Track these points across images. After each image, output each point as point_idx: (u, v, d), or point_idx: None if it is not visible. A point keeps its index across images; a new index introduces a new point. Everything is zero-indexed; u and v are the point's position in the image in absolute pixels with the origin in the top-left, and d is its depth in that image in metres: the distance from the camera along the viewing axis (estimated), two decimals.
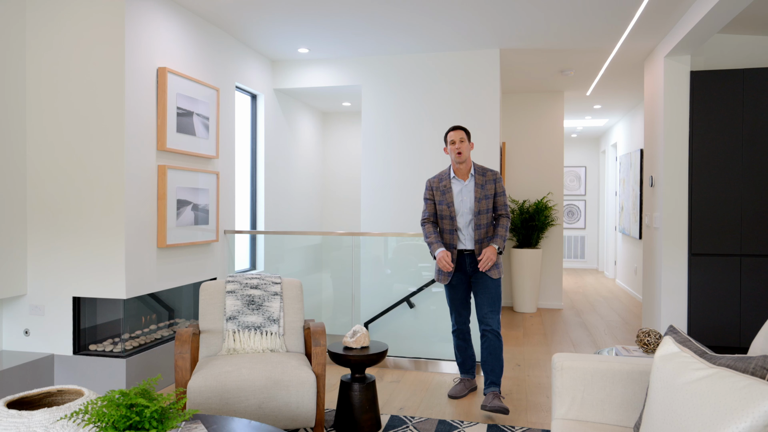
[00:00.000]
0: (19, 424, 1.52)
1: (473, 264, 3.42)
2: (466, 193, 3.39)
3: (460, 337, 3.64)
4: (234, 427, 1.93)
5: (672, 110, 4.38)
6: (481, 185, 3.39)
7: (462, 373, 3.71)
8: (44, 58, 3.47)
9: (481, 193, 3.37)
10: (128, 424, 1.36)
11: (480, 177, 3.41)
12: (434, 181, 3.50)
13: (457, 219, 3.41)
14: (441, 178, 3.47)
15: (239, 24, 4.31)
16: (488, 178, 3.42)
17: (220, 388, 2.54)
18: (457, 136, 3.38)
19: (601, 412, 2.07)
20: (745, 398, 1.37)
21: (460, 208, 3.40)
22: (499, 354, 3.39)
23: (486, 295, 3.40)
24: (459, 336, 3.64)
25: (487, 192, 3.39)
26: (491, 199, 3.40)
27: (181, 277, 3.94)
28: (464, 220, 3.39)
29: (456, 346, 3.68)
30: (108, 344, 3.56)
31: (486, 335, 3.41)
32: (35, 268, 3.52)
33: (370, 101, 5.19)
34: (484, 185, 3.39)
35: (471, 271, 3.45)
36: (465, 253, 3.43)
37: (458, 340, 3.65)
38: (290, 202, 5.92)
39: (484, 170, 3.45)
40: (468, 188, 3.40)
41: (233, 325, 2.96)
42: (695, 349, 1.73)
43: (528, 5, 3.87)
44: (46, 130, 3.48)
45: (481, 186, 3.39)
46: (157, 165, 3.65)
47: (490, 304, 3.41)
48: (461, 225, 3.40)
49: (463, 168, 3.42)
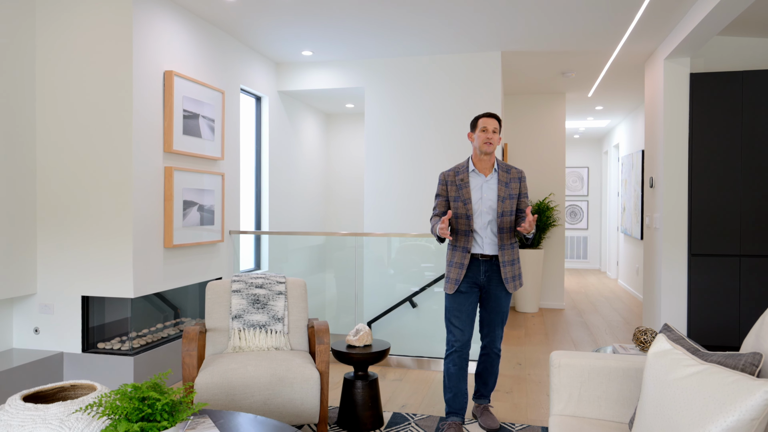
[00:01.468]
0: (36, 417, 1.58)
1: (489, 273, 2.95)
2: (487, 190, 2.95)
3: (456, 362, 2.97)
4: (240, 421, 1.99)
5: (672, 112, 4.43)
6: (505, 183, 2.95)
7: (450, 415, 3.01)
8: (53, 63, 3.55)
9: (506, 192, 2.93)
10: (141, 416, 1.42)
11: (504, 174, 2.98)
12: (449, 174, 3.03)
13: (473, 219, 2.93)
14: (458, 171, 3.02)
15: (244, 27, 4.37)
16: (513, 176, 2.99)
17: (226, 384, 2.60)
18: (490, 124, 2.95)
19: (597, 408, 2.12)
20: (733, 393, 1.42)
21: (479, 207, 2.94)
22: (496, 369, 3.14)
23: (499, 313, 3.01)
24: (456, 361, 2.97)
25: (512, 191, 2.96)
26: (515, 199, 2.96)
27: (187, 276, 4.01)
28: (482, 221, 2.93)
29: (447, 375, 2.99)
30: (116, 342, 3.63)
31: (487, 352, 3.10)
32: (45, 268, 3.59)
33: (373, 103, 5.25)
34: (508, 183, 2.96)
35: (485, 281, 2.96)
36: (482, 259, 2.95)
37: (453, 367, 2.97)
38: (294, 203, 5.98)
39: (509, 167, 3.02)
40: (490, 185, 2.96)
41: (239, 324, 3.02)
42: (688, 346, 1.78)
43: (529, 8, 3.93)
44: (55, 132, 3.56)
45: (506, 184, 2.95)
46: (163, 166, 3.72)
47: (499, 322, 3.03)
48: (478, 227, 2.93)
49: (487, 161, 2.98)
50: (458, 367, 2.96)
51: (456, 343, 2.95)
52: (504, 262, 2.93)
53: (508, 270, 2.94)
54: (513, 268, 2.96)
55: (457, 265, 2.96)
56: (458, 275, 2.94)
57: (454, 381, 2.97)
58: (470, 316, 2.96)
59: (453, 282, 2.95)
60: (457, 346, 2.95)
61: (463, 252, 2.95)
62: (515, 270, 2.98)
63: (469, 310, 2.96)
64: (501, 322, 3.04)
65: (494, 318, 3.02)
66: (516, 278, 2.97)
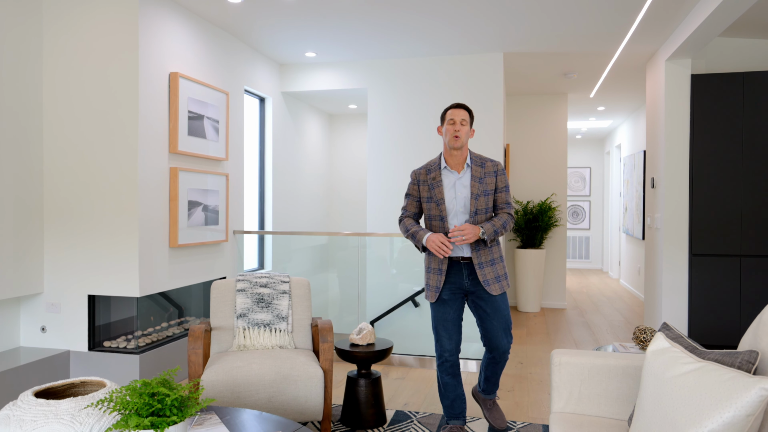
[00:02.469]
0: (48, 413, 1.62)
1: (472, 276, 2.78)
2: (459, 187, 2.76)
3: (449, 372, 2.85)
4: (246, 417, 2.03)
5: (673, 113, 4.45)
6: (479, 178, 2.76)
7: (450, 419, 2.91)
8: (60, 66, 3.59)
9: (479, 188, 2.74)
10: (150, 411, 1.46)
11: (478, 168, 2.78)
12: (420, 172, 2.84)
13: (448, 220, 2.76)
14: (429, 169, 2.82)
15: (248, 29, 4.41)
16: (488, 170, 2.78)
17: (232, 382, 2.64)
18: (458, 116, 2.73)
19: (597, 406, 2.15)
20: (729, 390, 1.45)
21: (453, 207, 2.75)
22: (502, 368, 2.96)
23: (498, 317, 2.79)
24: (448, 371, 2.85)
25: (486, 187, 2.76)
26: (491, 195, 2.77)
27: (192, 276, 4.05)
28: (458, 221, 2.75)
29: (442, 384, 2.88)
30: (122, 341, 3.67)
31: (494, 356, 2.90)
32: (52, 268, 3.64)
33: (376, 104, 5.29)
34: (482, 178, 2.76)
35: (469, 285, 2.79)
36: (462, 262, 2.78)
37: (446, 377, 2.86)
38: (297, 203, 6.02)
39: (483, 160, 2.81)
40: (463, 182, 2.77)
41: (243, 323, 3.06)
42: (686, 344, 1.81)
43: (531, 10, 3.96)
44: (62, 133, 3.60)
45: (479, 179, 2.75)
46: (169, 167, 3.76)
47: (504, 327, 2.81)
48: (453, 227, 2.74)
49: (458, 156, 2.78)
50: (452, 376, 2.85)
51: (445, 353, 2.82)
52: (481, 263, 2.73)
53: (488, 271, 2.74)
54: (494, 269, 2.76)
55: (435, 270, 2.80)
56: (438, 282, 2.78)
57: (450, 389, 2.87)
58: (456, 323, 2.82)
59: (433, 290, 2.79)
60: (447, 356, 2.82)
61: None
62: (497, 270, 2.77)
63: (454, 318, 2.81)
64: (504, 328, 2.81)
65: (493, 324, 2.80)
66: (500, 278, 2.77)
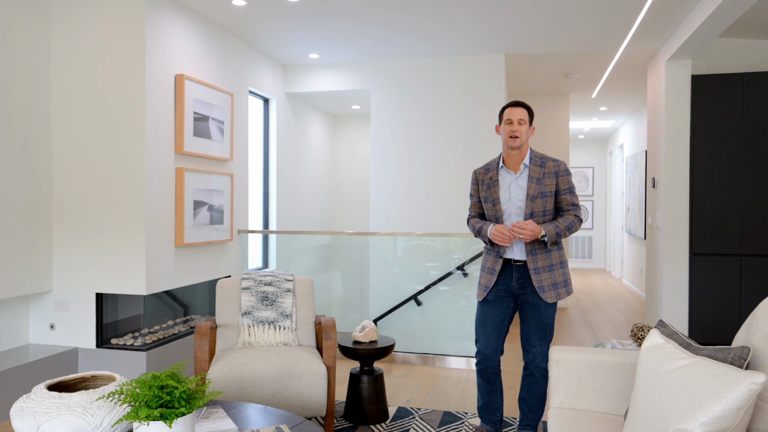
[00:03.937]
0: (60, 405, 1.68)
1: (522, 280, 2.67)
2: (515, 188, 2.67)
3: (485, 376, 2.77)
4: (251, 411, 2.08)
5: (673, 113, 4.49)
6: (537, 179, 2.63)
7: (483, 422, 2.82)
8: (69, 67, 3.65)
9: (536, 190, 2.62)
10: (160, 403, 1.52)
11: (537, 169, 2.65)
12: (480, 172, 2.79)
13: (503, 221, 2.68)
14: (488, 169, 2.76)
15: (252, 31, 4.47)
16: (548, 170, 2.65)
17: (237, 378, 2.69)
18: (515, 115, 2.64)
19: (594, 402, 2.20)
20: (720, 384, 1.49)
21: (508, 208, 2.67)
22: (543, 393, 2.74)
23: (536, 323, 2.67)
24: (483, 374, 2.77)
25: (545, 188, 2.63)
26: (550, 197, 2.64)
27: (197, 274, 4.11)
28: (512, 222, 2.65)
29: (478, 385, 2.83)
30: (129, 338, 3.73)
31: (530, 371, 2.73)
32: (60, 266, 3.70)
33: (379, 104, 5.34)
34: (540, 179, 2.63)
35: (518, 288, 2.69)
36: (514, 264, 2.69)
37: (480, 379, 2.79)
38: (301, 203, 6.08)
39: (544, 160, 2.68)
40: (519, 183, 2.67)
41: (248, 320, 3.11)
42: (680, 341, 1.85)
43: (532, 12, 4.00)
44: (70, 134, 3.66)
45: (537, 180, 2.63)
46: (175, 167, 3.82)
47: (540, 336, 2.67)
48: None
49: (516, 156, 2.68)
50: (486, 380, 2.78)
51: (478, 355, 2.77)
52: (537, 268, 2.63)
53: (544, 277, 2.63)
54: (552, 275, 2.64)
55: (488, 270, 2.73)
56: (488, 281, 2.72)
57: (483, 392, 2.81)
58: (496, 327, 2.72)
59: (482, 289, 2.75)
60: (479, 357, 2.76)
61: (495, 257, 2.70)
62: (555, 277, 2.64)
63: (496, 321, 2.72)
64: (542, 337, 2.67)
65: (532, 331, 2.68)
66: (558, 286, 2.64)
